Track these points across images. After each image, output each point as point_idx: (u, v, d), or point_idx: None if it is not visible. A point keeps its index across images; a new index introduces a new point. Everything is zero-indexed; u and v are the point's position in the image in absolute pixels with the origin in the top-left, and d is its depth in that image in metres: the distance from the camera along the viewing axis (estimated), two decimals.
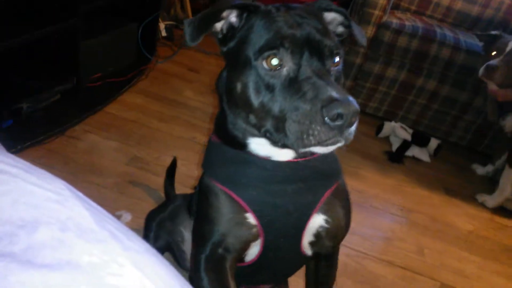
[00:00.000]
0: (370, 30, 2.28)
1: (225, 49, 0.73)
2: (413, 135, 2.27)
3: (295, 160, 0.75)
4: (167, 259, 1.23)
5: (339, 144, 0.63)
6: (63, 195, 0.40)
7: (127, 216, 1.42)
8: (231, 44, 0.72)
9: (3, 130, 1.61)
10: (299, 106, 0.61)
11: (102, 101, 1.95)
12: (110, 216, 0.43)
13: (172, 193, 1.35)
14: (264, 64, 0.65)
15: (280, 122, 0.64)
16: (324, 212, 0.79)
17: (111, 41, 2.08)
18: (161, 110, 2.07)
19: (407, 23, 2.28)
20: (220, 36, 0.73)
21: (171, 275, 0.41)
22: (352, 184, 1.92)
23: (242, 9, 0.70)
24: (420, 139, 2.27)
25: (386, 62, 2.33)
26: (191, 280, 0.87)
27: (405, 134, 2.27)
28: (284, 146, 0.66)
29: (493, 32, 1.98)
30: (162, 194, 1.54)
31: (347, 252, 1.52)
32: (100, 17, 2.08)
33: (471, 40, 2.30)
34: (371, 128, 2.40)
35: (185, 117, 2.06)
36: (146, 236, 1.16)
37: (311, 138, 0.60)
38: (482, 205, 2.03)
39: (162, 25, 2.60)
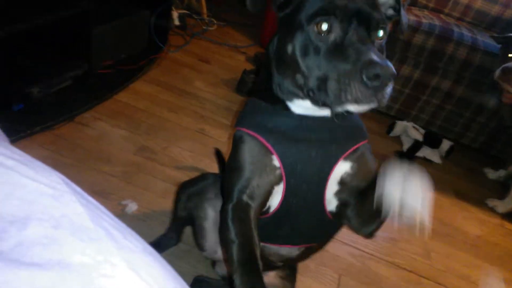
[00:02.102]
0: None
1: (281, 14, 0.78)
2: (425, 136, 2.24)
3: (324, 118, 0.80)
4: (185, 241, 1.25)
5: (372, 105, 0.67)
6: (59, 189, 0.39)
7: (133, 206, 1.42)
8: (287, 10, 0.77)
9: (14, 113, 1.62)
10: (340, 67, 0.66)
11: (113, 88, 1.95)
12: (107, 212, 0.42)
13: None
14: (315, 28, 0.70)
15: (323, 82, 0.69)
16: (350, 160, 0.82)
17: (123, 28, 2.07)
18: (171, 100, 2.06)
19: (424, 20, 2.23)
20: (279, 3, 0.78)
21: (167, 276, 0.40)
22: None
23: None
24: (432, 140, 2.24)
25: (401, 59, 2.29)
26: (220, 233, 0.89)
27: (417, 134, 2.23)
28: (324, 104, 0.71)
29: (511, 34, 1.93)
30: (169, 185, 1.53)
31: (352, 251, 1.51)
32: (113, 3, 2.07)
33: (489, 41, 2.24)
34: (383, 127, 2.37)
35: (194, 108, 2.05)
36: (175, 205, 1.19)
37: (348, 96, 0.65)
38: (492, 210, 1.99)
39: (175, 14, 2.57)
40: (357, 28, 0.69)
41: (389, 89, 0.65)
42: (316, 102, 0.73)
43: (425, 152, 2.21)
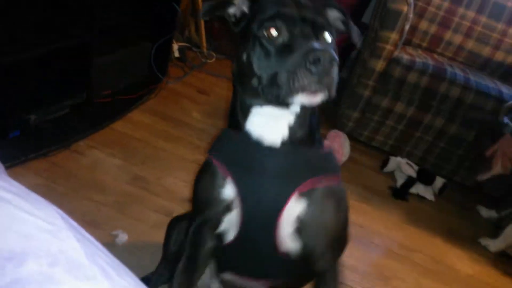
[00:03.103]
0: (381, 64, 2.29)
1: (237, 29, 0.84)
2: (418, 172, 2.25)
3: (283, 148, 0.82)
4: None
5: (322, 92, 0.72)
6: (56, 224, 0.39)
7: (124, 237, 1.41)
8: (242, 24, 0.83)
9: (9, 140, 1.62)
10: (287, 60, 0.71)
11: (110, 117, 1.96)
12: (102, 248, 0.42)
13: None
14: (265, 33, 0.76)
15: (274, 77, 0.73)
16: (306, 198, 0.81)
17: (124, 59, 2.11)
18: (167, 130, 2.07)
19: (417, 59, 2.29)
20: (233, 20, 0.85)
21: None
22: (353, 218, 1.88)
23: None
24: (425, 177, 2.25)
25: (395, 97, 2.33)
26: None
27: (410, 170, 2.25)
28: (277, 100, 0.75)
29: None
30: (161, 216, 1.52)
31: None
32: (115, 35, 2.11)
33: (481, 81, 2.30)
34: (377, 162, 2.39)
35: (190, 139, 2.06)
36: (166, 242, 1.19)
37: (296, 84, 0.69)
38: (485, 249, 1.99)
39: (175, 46, 2.63)
40: (303, 30, 0.75)
41: (334, 74, 0.70)
42: (271, 100, 0.77)
43: (418, 188, 2.22)
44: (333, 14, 0.89)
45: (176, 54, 2.66)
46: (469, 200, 2.33)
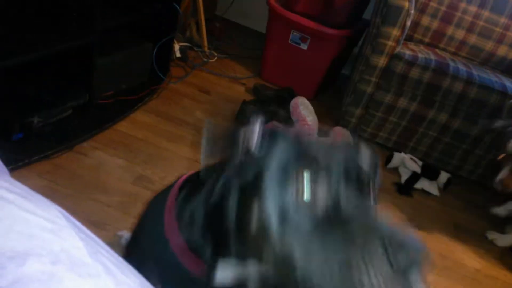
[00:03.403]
0: (383, 61, 2.28)
1: (238, 180, 0.57)
2: (422, 168, 2.25)
3: None
4: None
5: None
6: (58, 224, 0.39)
7: (128, 237, 1.41)
8: (247, 171, 0.55)
9: (13, 143, 1.62)
10: (344, 248, 0.45)
11: (112, 118, 1.97)
12: (105, 246, 0.42)
13: None
14: (287, 193, 0.49)
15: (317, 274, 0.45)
16: None
17: (125, 60, 2.11)
18: (170, 129, 2.07)
19: (420, 55, 2.28)
20: (237, 164, 0.58)
21: None
22: None
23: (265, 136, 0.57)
24: (430, 172, 2.24)
25: (398, 92, 2.32)
26: None
27: (414, 166, 2.24)
28: None
29: None
30: None
31: None
32: (117, 36, 2.11)
33: (484, 75, 2.28)
34: (381, 159, 2.38)
35: (193, 138, 2.06)
36: None
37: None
38: (492, 243, 1.98)
39: (176, 46, 2.63)
40: (348, 191, 0.51)
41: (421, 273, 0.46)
42: None
43: (423, 184, 2.22)
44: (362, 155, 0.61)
45: (178, 54, 2.66)
46: (474, 195, 2.32)
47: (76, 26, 1.71)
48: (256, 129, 0.55)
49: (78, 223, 0.42)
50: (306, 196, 0.47)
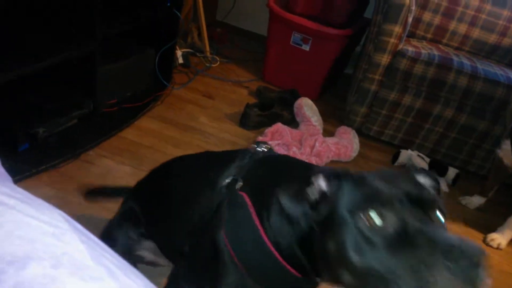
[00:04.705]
0: (386, 58, 2.27)
1: (317, 216, 0.67)
2: (430, 164, 2.23)
3: None
4: None
5: None
6: (60, 227, 0.39)
7: None
8: (323, 209, 0.66)
9: (19, 153, 1.63)
10: (411, 258, 0.54)
11: (118, 126, 1.97)
12: (108, 249, 0.42)
13: None
14: (363, 221, 0.59)
15: (384, 282, 0.55)
16: None
17: (128, 67, 2.12)
18: (175, 135, 2.08)
19: (423, 51, 2.26)
20: (313, 205, 0.68)
21: None
22: None
23: (331, 176, 0.67)
24: (437, 168, 2.22)
25: (402, 89, 2.31)
26: None
27: (422, 162, 2.22)
28: None
29: None
30: None
31: None
32: (119, 43, 2.13)
33: (489, 69, 2.26)
34: (387, 156, 2.36)
35: (198, 143, 2.06)
36: None
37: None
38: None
39: (179, 52, 2.64)
40: (413, 212, 0.58)
41: (482, 271, 0.53)
42: None
43: None
44: (423, 181, 0.70)
45: (180, 60, 2.67)
46: (484, 189, 2.29)
47: (77, 34, 1.72)
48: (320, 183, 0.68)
49: (80, 226, 0.42)
50: (378, 222, 0.58)
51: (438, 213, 0.61)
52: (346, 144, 2.22)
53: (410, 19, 2.22)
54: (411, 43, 2.39)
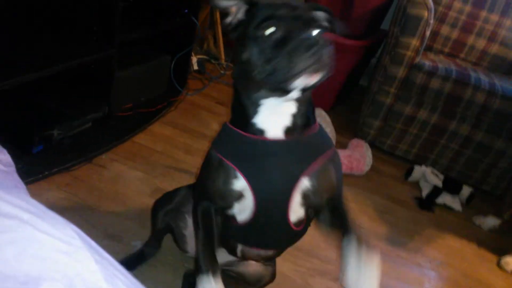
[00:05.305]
0: (402, 71, 2.25)
1: (235, 34, 0.91)
2: (444, 181, 2.19)
3: (286, 139, 0.91)
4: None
5: (320, 74, 0.79)
6: (73, 245, 0.38)
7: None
8: (239, 30, 0.89)
9: (33, 155, 1.64)
10: (286, 48, 0.78)
11: (131, 130, 1.98)
12: (121, 268, 0.41)
13: None
14: (261, 32, 0.82)
15: (274, 67, 0.79)
16: (310, 177, 0.92)
17: (144, 72, 2.13)
18: (187, 142, 2.07)
19: (440, 65, 2.24)
20: (230, 28, 0.91)
21: None
22: (378, 230, 1.84)
23: (247, 4, 0.89)
24: (452, 186, 2.18)
25: (418, 103, 2.28)
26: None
27: (436, 179, 2.19)
28: (282, 87, 0.82)
29: None
30: None
31: None
32: (136, 49, 2.14)
33: (507, 86, 2.23)
34: (400, 171, 2.33)
35: None
36: (153, 221, 1.34)
37: (297, 68, 0.76)
38: None
39: (194, 59, 2.64)
40: (296, 26, 0.81)
41: (330, 54, 0.77)
42: (274, 89, 0.84)
43: (445, 198, 2.15)
44: (319, 15, 0.95)
45: (195, 67, 2.67)
46: (498, 210, 2.24)
47: (96, 39, 1.73)
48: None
49: (93, 243, 0.41)
50: (271, 30, 0.81)
51: (317, 30, 0.84)
52: (358, 157, 2.19)
53: (428, 33, 2.20)
54: (428, 57, 2.36)
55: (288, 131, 0.91)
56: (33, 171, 1.57)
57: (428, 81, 2.19)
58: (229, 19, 0.91)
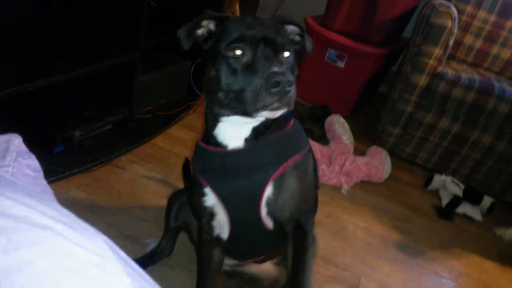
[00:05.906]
0: (424, 79, 2.22)
1: (206, 47, 0.93)
2: (465, 191, 2.15)
3: (247, 148, 0.93)
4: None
5: (282, 110, 0.82)
6: (104, 257, 0.38)
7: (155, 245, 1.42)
8: (209, 43, 0.92)
9: (54, 155, 1.67)
10: (252, 80, 0.81)
11: (150, 133, 1.99)
12: (150, 280, 0.41)
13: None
14: (231, 53, 0.85)
15: (240, 94, 0.83)
16: (273, 184, 0.92)
17: (165, 77, 2.15)
18: None
19: (463, 74, 2.20)
20: (202, 39, 0.94)
21: None
22: (396, 238, 1.82)
23: (217, 19, 0.92)
24: (472, 196, 2.14)
25: (439, 112, 2.25)
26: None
27: (456, 189, 2.15)
28: (244, 113, 0.85)
29: None
30: None
31: None
32: (157, 54, 2.16)
33: None
34: (420, 180, 2.30)
35: None
36: (167, 216, 1.36)
37: (260, 103, 0.80)
38: None
39: None
40: (264, 50, 0.84)
41: (292, 93, 0.80)
42: (237, 112, 0.87)
43: (465, 208, 2.11)
44: (291, 28, 0.99)
45: None
46: None
47: (121, 46, 1.76)
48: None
49: (123, 254, 0.41)
50: (238, 53, 0.84)
51: (286, 53, 0.88)
52: (377, 165, 2.17)
53: (451, 42, 2.17)
54: (451, 66, 2.33)
55: (249, 140, 0.93)
56: (53, 171, 1.59)
57: (450, 90, 2.16)
58: (200, 31, 0.93)
